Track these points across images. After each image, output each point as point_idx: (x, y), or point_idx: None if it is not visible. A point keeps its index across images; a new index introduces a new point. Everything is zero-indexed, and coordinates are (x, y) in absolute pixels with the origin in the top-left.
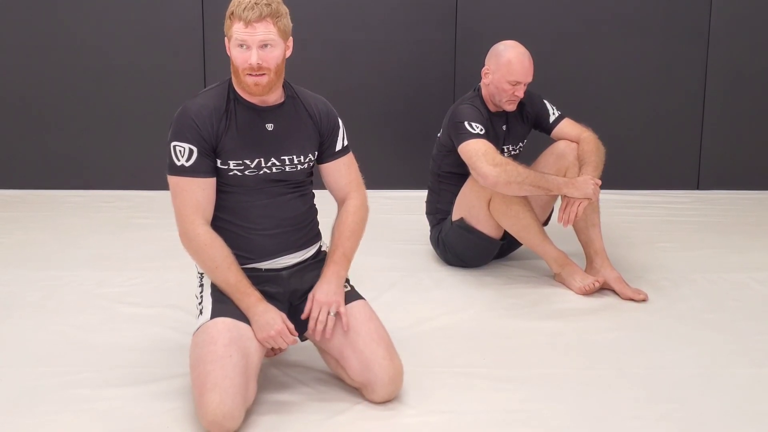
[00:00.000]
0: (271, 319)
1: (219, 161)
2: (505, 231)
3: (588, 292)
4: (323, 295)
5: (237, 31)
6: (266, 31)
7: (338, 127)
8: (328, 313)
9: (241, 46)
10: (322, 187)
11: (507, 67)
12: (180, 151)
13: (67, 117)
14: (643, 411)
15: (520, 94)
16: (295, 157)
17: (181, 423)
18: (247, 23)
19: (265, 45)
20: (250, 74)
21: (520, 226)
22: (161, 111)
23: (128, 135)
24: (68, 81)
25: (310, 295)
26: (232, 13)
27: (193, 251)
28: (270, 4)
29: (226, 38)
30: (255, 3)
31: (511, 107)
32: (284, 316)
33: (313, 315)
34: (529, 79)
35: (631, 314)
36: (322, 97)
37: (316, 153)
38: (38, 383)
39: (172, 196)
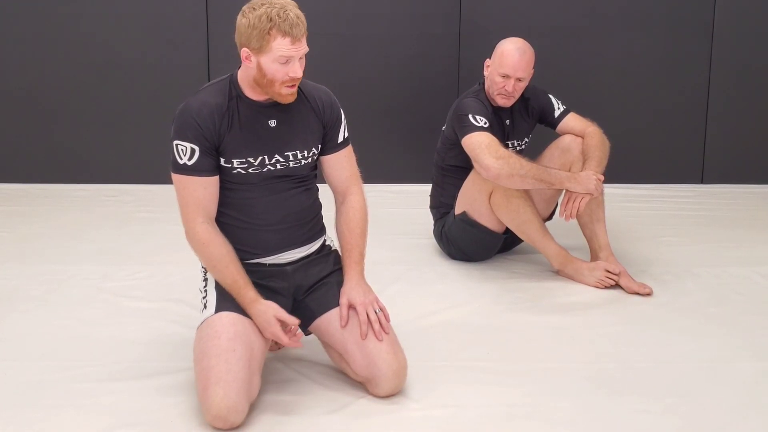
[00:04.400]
0: (265, 321)
1: (222, 160)
2: None
3: (605, 286)
4: (360, 296)
5: (282, 47)
6: (305, 46)
7: (340, 119)
8: (375, 312)
9: (285, 61)
10: (324, 181)
11: (499, 58)
12: (182, 149)
13: (71, 111)
14: (647, 405)
15: (510, 88)
16: (298, 152)
17: (186, 417)
18: (295, 39)
19: (301, 58)
20: (289, 86)
21: (520, 220)
22: (165, 105)
23: (132, 129)
24: (72, 75)
25: (343, 301)
26: (272, 28)
27: (194, 248)
28: (303, 19)
29: (247, 49)
30: (296, 18)
31: (502, 102)
32: (281, 313)
33: (363, 319)
34: (519, 74)
35: (636, 308)
36: (324, 87)
37: (319, 146)
38: (42, 377)
39: (176, 194)
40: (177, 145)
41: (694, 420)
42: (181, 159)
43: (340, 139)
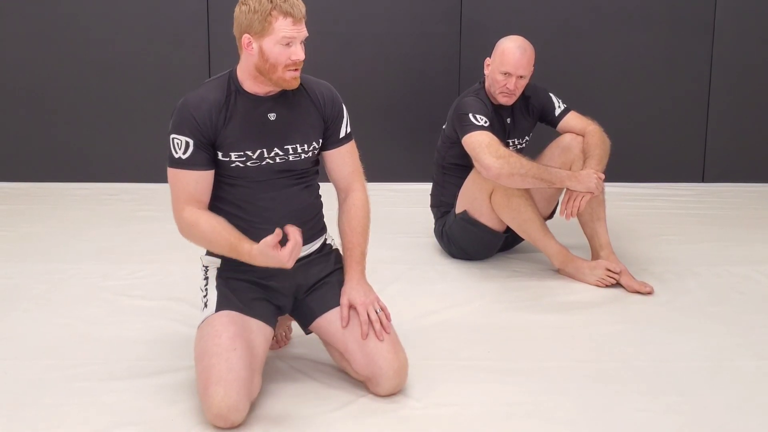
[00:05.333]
0: (269, 259)
1: (220, 153)
2: None
3: (606, 285)
4: (361, 296)
5: (284, 27)
6: (305, 29)
7: (342, 114)
8: (375, 312)
9: (287, 43)
10: (327, 180)
11: (500, 57)
12: (177, 143)
13: (72, 110)
14: (648, 404)
15: (511, 86)
16: (298, 145)
17: (186, 416)
18: (296, 20)
19: (302, 41)
20: (292, 70)
21: (520, 219)
22: (166, 104)
23: (132, 128)
24: (73, 74)
25: (344, 301)
26: (273, 9)
27: (187, 235)
28: (301, 1)
29: (248, 35)
30: (294, 0)
31: (504, 100)
32: (269, 238)
33: (363, 318)
34: (521, 72)
35: (637, 307)
36: (326, 83)
37: (321, 140)
38: (43, 376)
39: (170, 186)
40: (173, 138)
41: (694, 419)
42: (176, 153)
43: (342, 134)
